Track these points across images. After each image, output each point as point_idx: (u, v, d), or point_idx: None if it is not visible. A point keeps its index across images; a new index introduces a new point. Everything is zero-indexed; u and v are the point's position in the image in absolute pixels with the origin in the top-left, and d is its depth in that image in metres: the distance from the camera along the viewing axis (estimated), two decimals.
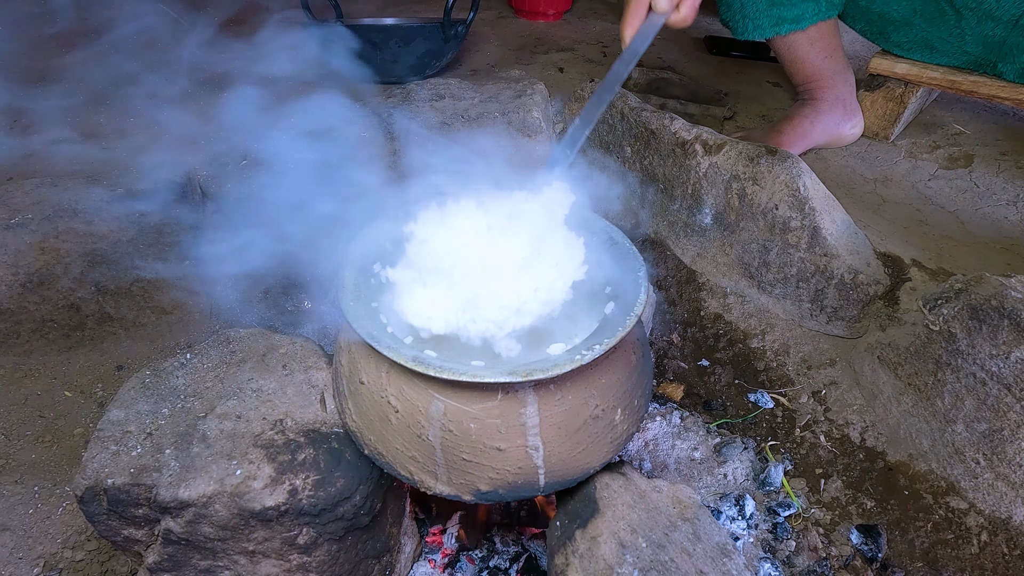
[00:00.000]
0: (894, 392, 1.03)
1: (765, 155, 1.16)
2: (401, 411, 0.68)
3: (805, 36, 1.38)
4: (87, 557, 0.95)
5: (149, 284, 1.24)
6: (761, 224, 1.17)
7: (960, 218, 1.28)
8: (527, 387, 0.64)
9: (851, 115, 1.48)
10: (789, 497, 1.03)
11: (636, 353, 0.73)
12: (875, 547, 0.96)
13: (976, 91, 1.36)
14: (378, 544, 0.85)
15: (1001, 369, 0.88)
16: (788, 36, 1.38)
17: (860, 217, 1.21)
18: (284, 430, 0.78)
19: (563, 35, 2.29)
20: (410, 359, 0.62)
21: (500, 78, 1.63)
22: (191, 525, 0.72)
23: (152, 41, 2.05)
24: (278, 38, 1.77)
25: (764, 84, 1.90)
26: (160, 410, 0.80)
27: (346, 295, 0.70)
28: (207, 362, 0.86)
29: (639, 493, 0.70)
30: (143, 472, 0.72)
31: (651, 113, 1.32)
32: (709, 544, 0.64)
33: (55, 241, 1.16)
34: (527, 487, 0.68)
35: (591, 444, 0.68)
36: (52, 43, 2.02)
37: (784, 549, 0.98)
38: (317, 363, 0.87)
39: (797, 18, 1.35)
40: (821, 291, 1.15)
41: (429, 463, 0.69)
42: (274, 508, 0.72)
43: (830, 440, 1.08)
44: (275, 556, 0.76)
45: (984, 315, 0.89)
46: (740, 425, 1.16)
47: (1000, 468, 0.91)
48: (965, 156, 1.46)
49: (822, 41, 1.39)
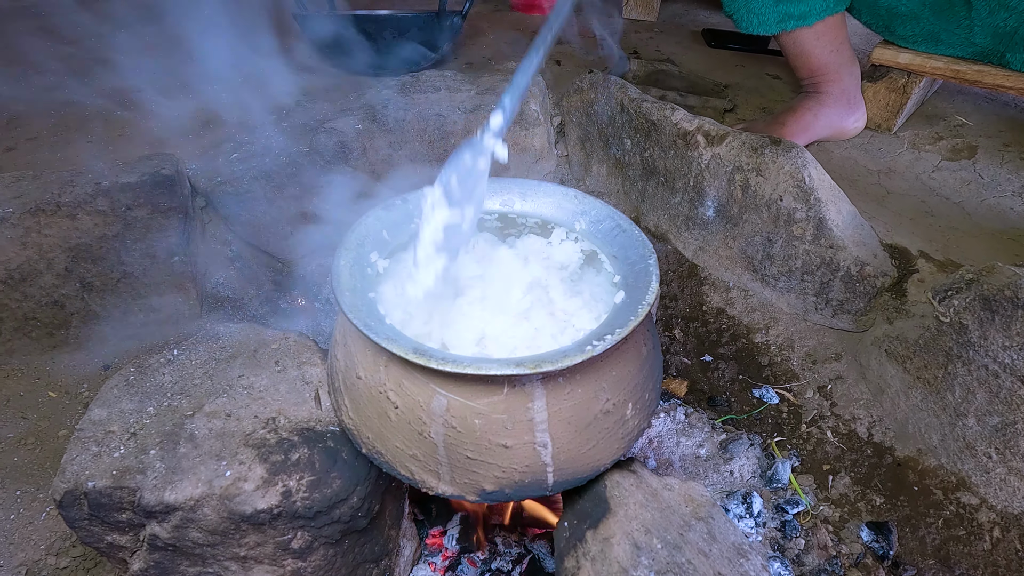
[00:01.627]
0: (902, 386, 1.01)
1: (769, 145, 1.14)
2: (401, 407, 0.64)
3: (811, 31, 1.36)
4: (71, 564, 0.91)
5: (136, 281, 1.20)
6: (765, 216, 1.15)
7: (965, 209, 1.26)
8: (535, 380, 0.61)
9: (855, 108, 1.46)
10: (797, 494, 1.01)
11: (646, 345, 0.70)
12: (886, 544, 0.94)
13: (980, 80, 1.34)
14: (376, 547, 0.82)
15: (1015, 361, 0.86)
16: (794, 31, 1.36)
17: (865, 209, 1.19)
18: (277, 429, 0.74)
19: None
20: (411, 351, 0.58)
21: (497, 70, 1.60)
22: (178, 530, 0.68)
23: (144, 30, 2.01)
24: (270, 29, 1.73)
25: (764, 76, 1.88)
26: (145, 409, 0.76)
27: (341, 284, 0.66)
28: (195, 358, 0.83)
29: (651, 491, 0.67)
30: (126, 474, 0.69)
31: (652, 104, 1.30)
32: (725, 544, 0.61)
33: (37, 236, 1.12)
34: (535, 486, 0.65)
35: (602, 440, 0.65)
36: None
37: (793, 547, 0.95)
38: (311, 358, 0.84)
39: (804, 14, 1.32)
40: (827, 284, 1.13)
41: (431, 462, 0.65)
42: (266, 511, 0.68)
43: (837, 436, 1.06)
44: (268, 562, 0.72)
45: (997, 306, 0.87)
46: (745, 421, 1.13)
47: (1013, 463, 0.89)
48: (968, 147, 1.44)
49: (828, 35, 1.37)
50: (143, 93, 1.67)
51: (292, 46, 1.87)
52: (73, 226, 1.13)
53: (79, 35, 1.94)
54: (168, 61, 1.79)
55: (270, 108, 1.51)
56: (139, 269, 1.19)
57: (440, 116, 1.42)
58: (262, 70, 1.78)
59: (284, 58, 1.85)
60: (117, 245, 1.16)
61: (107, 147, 1.46)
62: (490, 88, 1.50)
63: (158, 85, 1.70)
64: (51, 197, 1.13)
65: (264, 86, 1.69)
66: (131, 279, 1.20)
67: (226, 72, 1.71)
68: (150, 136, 1.48)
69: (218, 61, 1.72)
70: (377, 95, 1.47)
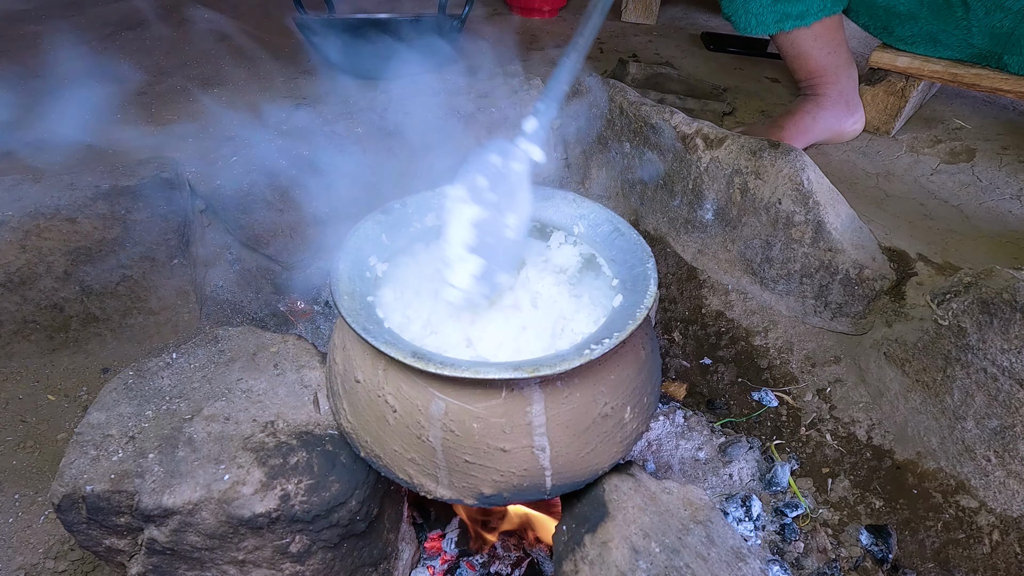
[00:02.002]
0: (901, 389, 1.01)
1: (768, 148, 1.14)
2: (399, 411, 0.64)
3: (809, 32, 1.36)
4: (70, 568, 0.91)
5: (136, 284, 1.20)
6: (764, 219, 1.15)
7: (964, 212, 1.26)
8: (533, 384, 0.61)
9: (853, 111, 1.46)
10: (796, 497, 1.01)
11: (645, 348, 0.70)
12: (885, 548, 0.94)
13: (978, 84, 1.34)
14: (375, 551, 0.82)
15: (1013, 364, 0.86)
16: (792, 32, 1.36)
17: (863, 212, 1.19)
18: (275, 432, 0.74)
19: (559, 31, 2.27)
20: (409, 354, 0.58)
21: (496, 74, 1.61)
22: (176, 534, 0.68)
23: (135, 35, 2.01)
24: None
25: (763, 80, 1.88)
26: (143, 412, 0.76)
27: (340, 288, 0.66)
28: (194, 362, 0.83)
29: (649, 495, 0.67)
30: (124, 478, 0.69)
31: (651, 107, 1.30)
32: (724, 548, 0.61)
33: (37, 239, 1.12)
34: (533, 490, 0.65)
35: (600, 444, 0.65)
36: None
37: (793, 551, 0.95)
38: (310, 362, 0.84)
39: (802, 14, 1.33)
40: (825, 287, 1.13)
41: (429, 465, 0.65)
42: (265, 515, 0.68)
43: (836, 439, 1.06)
44: (266, 565, 0.72)
45: (995, 309, 0.87)
46: (744, 424, 1.13)
47: (1012, 466, 0.89)
48: (967, 150, 1.45)
49: (826, 37, 1.37)
50: (143, 97, 1.67)
51: (291, 49, 1.88)
52: (72, 229, 1.13)
53: (78, 38, 1.94)
54: (166, 63, 1.80)
55: (270, 111, 1.51)
56: (138, 273, 1.19)
57: (440, 119, 1.42)
58: (262, 73, 1.79)
59: (283, 61, 1.86)
60: (116, 248, 1.16)
61: (107, 150, 1.46)
62: (489, 92, 1.50)
63: (158, 88, 1.70)
64: (51, 200, 1.13)
65: (264, 89, 1.69)
66: (130, 282, 1.20)
67: (225, 76, 1.72)
68: (149, 140, 1.48)
69: (218, 65, 1.73)
70: (376, 98, 1.47)
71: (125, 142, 1.46)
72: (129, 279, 1.19)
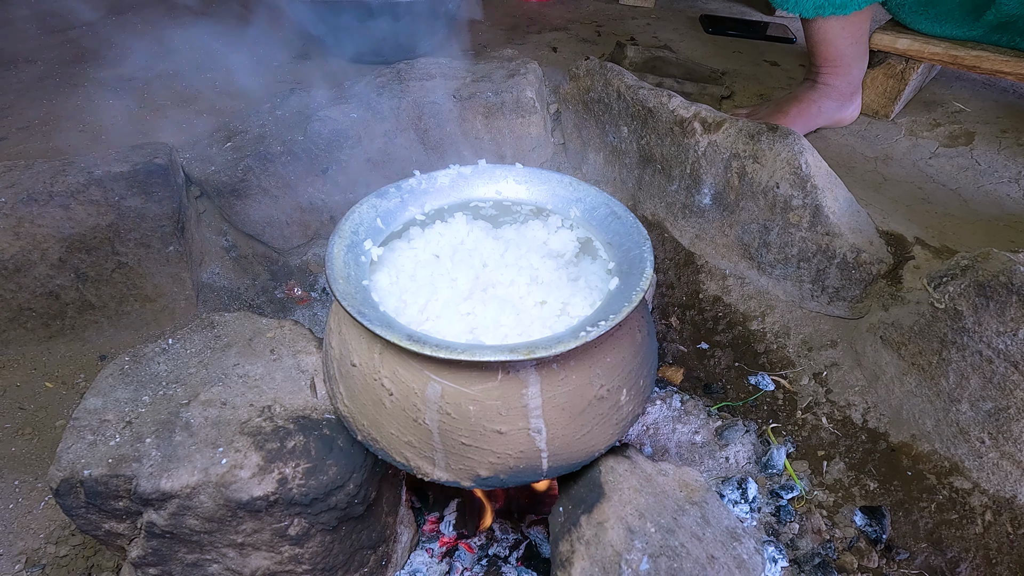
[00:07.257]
0: (897, 372, 1.02)
1: (766, 132, 1.13)
2: (396, 394, 0.64)
3: (841, 21, 1.34)
4: (71, 552, 0.92)
5: (131, 271, 1.20)
6: (762, 203, 1.15)
7: (962, 196, 1.26)
8: (529, 366, 0.61)
9: (855, 98, 1.46)
10: (792, 480, 1.02)
11: (641, 331, 0.70)
12: (879, 528, 0.95)
13: (979, 66, 1.33)
14: (373, 534, 0.82)
15: (1008, 346, 0.86)
16: (827, 19, 1.34)
17: (861, 195, 1.19)
18: (272, 417, 0.74)
19: (556, 15, 2.24)
20: (405, 338, 0.58)
21: (492, 57, 1.59)
22: (175, 517, 0.69)
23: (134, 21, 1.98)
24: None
25: (762, 63, 1.87)
26: (140, 397, 0.76)
27: (336, 272, 0.66)
28: (190, 347, 0.83)
29: (645, 477, 0.67)
30: (122, 462, 0.69)
31: (648, 91, 1.29)
32: (719, 528, 0.62)
33: (31, 226, 1.11)
34: (529, 472, 0.65)
35: (596, 426, 0.65)
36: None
37: (788, 532, 0.96)
38: (306, 347, 0.84)
39: (844, 4, 1.31)
40: (823, 271, 1.12)
41: (426, 448, 0.65)
42: (263, 498, 0.68)
43: (832, 422, 1.07)
44: (265, 548, 0.73)
45: (991, 292, 0.87)
46: (741, 408, 1.14)
47: (1005, 447, 0.90)
48: (966, 134, 1.44)
49: (854, 26, 1.36)
50: (134, 82, 1.66)
51: (285, 33, 1.85)
52: (66, 216, 1.13)
53: (69, 23, 1.92)
54: (159, 49, 1.78)
55: (264, 96, 1.49)
56: (133, 259, 1.19)
57: (435, 103, 1.41)
58: (255, 58, 1.77)
59: (277, 46, 1.83)
60: (111, 235, 1.16)
61: (99, 136, 1.45)
62: (486, 75, 1.49)
63: (150, 74, 1.68)
64: (43, 187, 1.12)
65: (258, 74, 1.67)
66: (126, 269, 1.19)
67: (219, 61, 1.70)
68: (142, 125, 1.47)
69: (211, 50, 1.70)
70: (372, 82, 1.46)
71: (118, 127, 1.44)
72: (124, 266, 1.19)
